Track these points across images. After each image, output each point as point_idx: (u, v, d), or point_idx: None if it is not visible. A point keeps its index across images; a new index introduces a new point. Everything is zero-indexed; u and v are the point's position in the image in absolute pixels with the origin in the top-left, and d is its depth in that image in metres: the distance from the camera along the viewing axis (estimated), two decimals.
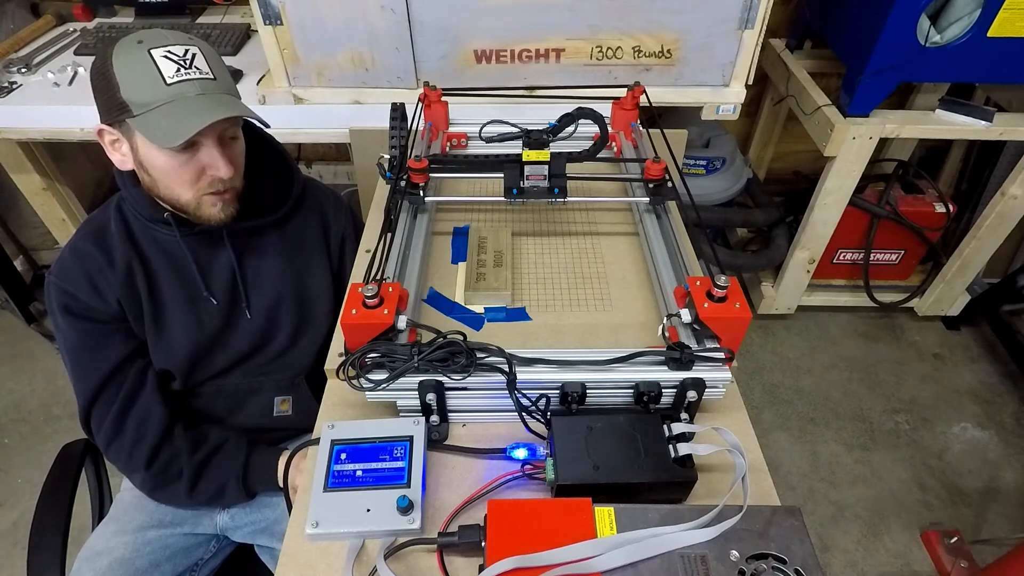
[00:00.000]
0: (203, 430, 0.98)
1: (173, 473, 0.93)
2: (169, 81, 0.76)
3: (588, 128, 1.06)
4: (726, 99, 1.42)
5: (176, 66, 0.77)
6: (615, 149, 1.17)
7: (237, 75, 1.52)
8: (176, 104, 0.77)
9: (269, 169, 0.99)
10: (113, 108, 0.78)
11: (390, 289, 0.71)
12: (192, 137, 0.78)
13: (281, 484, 0.85)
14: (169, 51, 0.77)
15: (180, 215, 0.88)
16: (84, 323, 0.90)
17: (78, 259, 0.90)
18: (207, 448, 0.95)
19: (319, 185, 1.10)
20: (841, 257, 2.07)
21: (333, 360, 0.82)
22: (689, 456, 0.65)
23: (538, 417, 0.70)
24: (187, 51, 0.79)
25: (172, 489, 0.94)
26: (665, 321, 0.76)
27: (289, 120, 1.45)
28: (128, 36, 0.78)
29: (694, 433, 0.71)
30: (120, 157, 0.86)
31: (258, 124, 0.91)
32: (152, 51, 0.77)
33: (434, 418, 0.75)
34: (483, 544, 0.59)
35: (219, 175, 0.84)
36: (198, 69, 0.79)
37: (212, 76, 0.80)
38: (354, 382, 0.68)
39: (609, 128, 1.15)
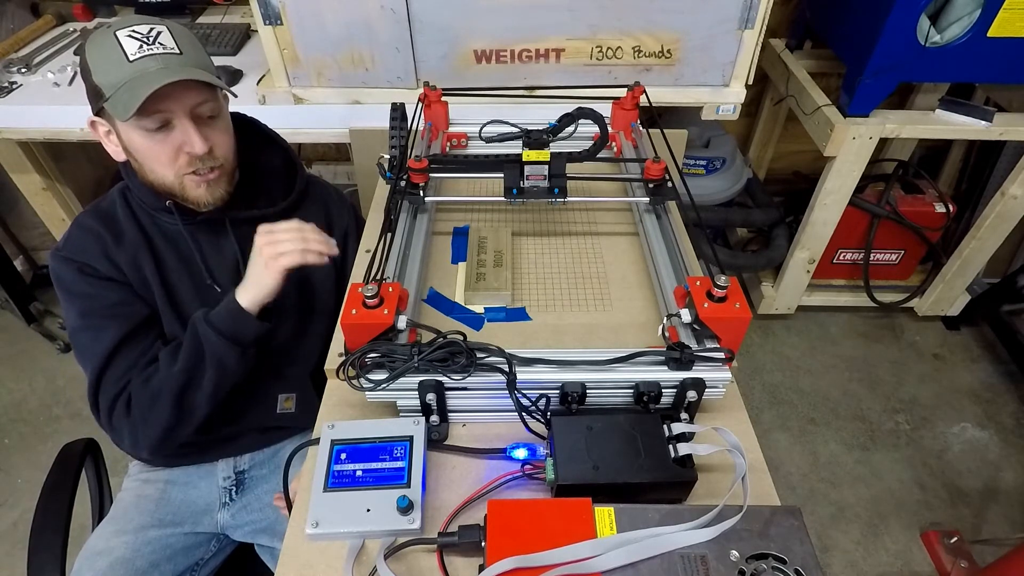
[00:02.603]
0: (207, 432, 0.97)
1: (153, 370, 0.87)
2: (132, 58, 0.77)
3: (588, 128, 1.06)
4: (726, 99, 1.42)
5: (139, 43, 0.77)
6: (615, 149, 1.17)
7: (237, 75, 1.52)
8: (137, 79, 0.76)
9: (272, 162, 1.00)
10: (93, 96, 0.79)
11: (390, 289, 0.71)
12: (162, 114, 0.78)
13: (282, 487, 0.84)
14: (134, 30, 0.78)
15: (183, 204, 0.89)
16: (107, 283, 0.89)
17: (89, 235, 0.90)
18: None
19: (322, 182, 1.11)
20: (841, 257, 2.07)
21: (333, 360, 0.82)
22: (689, 456, 0.65)
23: (538, 417, 0.70)
24: (152, 29, 0.79)
25: (159, 381, 0.86)
26: (665, 321, 0.76)
27: (289, 120, 1.45)
28: (104, 25, 0.80)
29: (694, 433, 0.71)
30: (114, 148, 0.86)
31: (257, 119, 0.91)
32: (117, 32, 0.77)
33: (434, 418, 0.75)
34: (483, 544, 0.59)
35: (194, 151, 0.83)
36: (162, 45, 0.78)
37: (178, 51, 0.79)
38: (354, 382, 0.68)
39: (609, 128, 1.15)
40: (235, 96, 0.89)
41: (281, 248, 0.81)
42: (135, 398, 0.87)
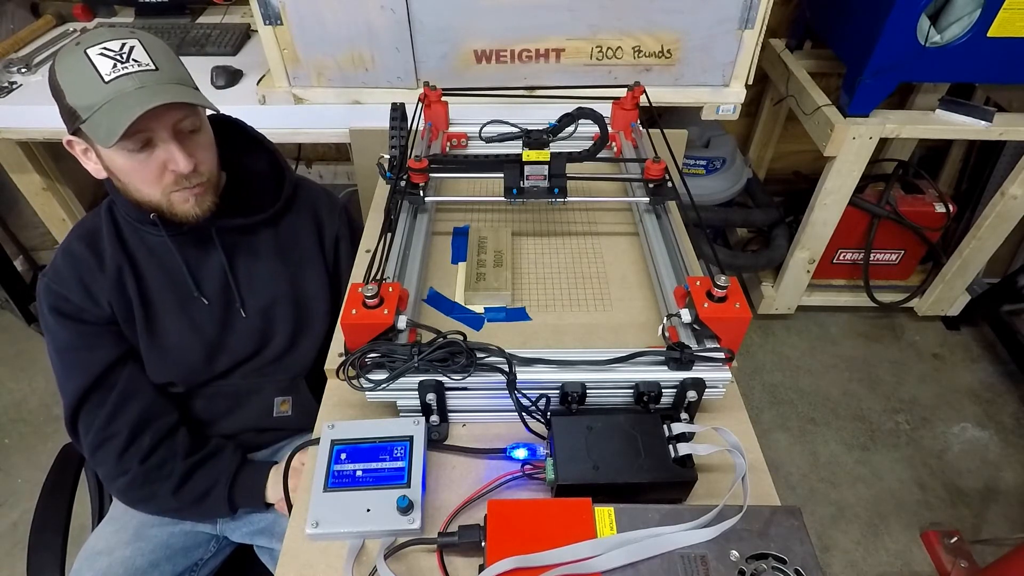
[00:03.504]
0: (204, 436, 0.99)
1: (165, 472, 0.92)
2: (107, 79, 0.74)
3: (588, 128, 1.07)
4: (726, 99, 1.42)
5: (112, 62, 0.75)
6: (615, 149, 1.17)
7: (237, 75, 1.52)
8: (115, 101, 0.74)
9: (258, 167, 0.98)
10: (67, 117, 0.77)
11: (390, 289, 0.71)
12: (144, 134, 0.76)
13: (281, 484, 0.84)
14: (105, 48, 0.75)
15: (166, 216, 0.87)
16: (75, 324, 0.89)
17: (71, 261, 0.90)
18: (204, 452, 0.95)
19: (313, 185, 1.09)
20: (841, 257, 2.07)
21: (333, 360, 0.82)
22: (689, 456, 0.65)
23: (538, 417, 0.70)
24: (123, 45, 0.76)
25: (158, 487, 0.92)
26: (665, 321, 0.76)
27: (289, 120, 1.45)
28: (71, 40, 0.76)
29: (694, 433, 0.71)
30: (94, 166, 0.84)
31: (241, 120, 0.90)
32: (88, 51, 0.74)
33: (434, 418, 0.75)
34: (483, 544, 0.59)
35: (179, 170, 0.81)
36: (136, 62, 0.76)
37: (153, 67, 0.77)
38: (354, 382, 0.68)
39: (609, 128, 1.15)
40: (217, 112, 0.87)
41: None
42: (132, 475, 0.92)
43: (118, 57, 0.75)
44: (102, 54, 0.75)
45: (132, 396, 0.92)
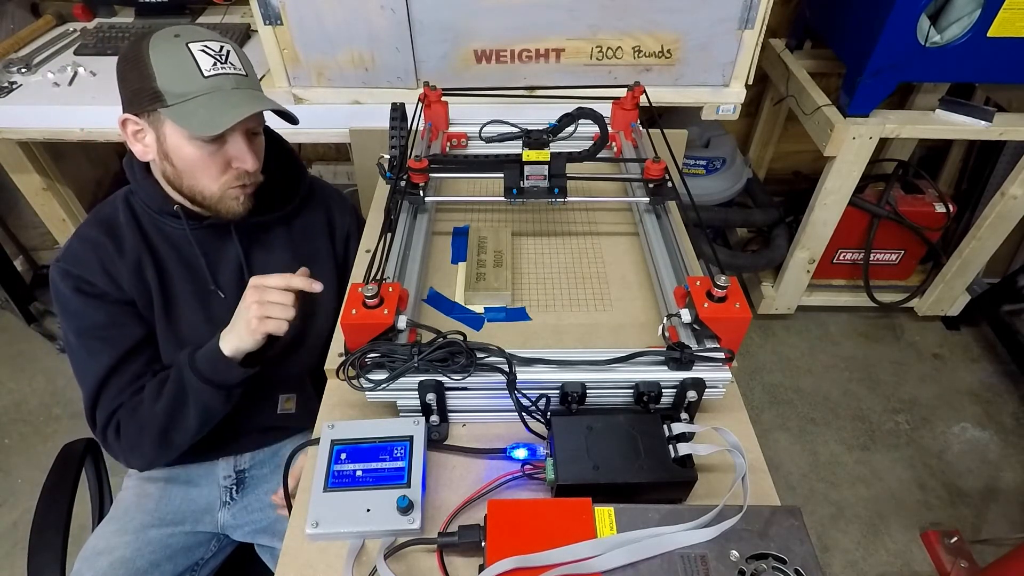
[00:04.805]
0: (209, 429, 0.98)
1: (147, 396, 0.89)
2: (207, 74, 0.79)
3: (588, 128, 1.07)
4: (726, 99, 1.42)
5: (213, 60, 0.80)
6: (615, 149, 1.17)
7: None
8: (213, 95, 0.79)
9: (278, 166, 1.00)
10: (145, 97, 0.80)
11: (390, 289, 0.71)
12: (225, 131, 0.80)
13: (282, 488, 0.84)
14: (207, 45, 0.81)
15: (191, 208, 0.89)
16: (100, 303, 0.90)
17: (89, 246, 0.90)
18: (168, 371, 0.92)
19: (324, 184, 1.12)
20: (841, 257, 2.07)
21: (333, 360, 0.82)
22: (689, 456, 0.65)
23: (538, 417, 0.70)
24: (222, 47, 0.82)
25: (141, 411, 0.88)
26: (665, 321, 0.77)
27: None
28: (164, 30, 0.82)
29: (694, 433, 0.71)
30: (142, 148, 0.86)
31: (272, 123, 0.92)
32: (190, 44, 0.80)
33: (434, 418, 0.75)
34: (483, 544, 0.59)
35: (245, 168, 0.86)
36: (232, 65, 0.82)
37: (244, 73, 0.83)
38: (354, 382, 0.68)
39: (609, 128, 1.15)
40: (297, 122, 0.92)
41: (269, 311, 0.82)
42: (123, 426, 0.90)
43: (218, 57, 0.81)
44: (204, 50, 0.80)
45: (142, 377, 0.91)
